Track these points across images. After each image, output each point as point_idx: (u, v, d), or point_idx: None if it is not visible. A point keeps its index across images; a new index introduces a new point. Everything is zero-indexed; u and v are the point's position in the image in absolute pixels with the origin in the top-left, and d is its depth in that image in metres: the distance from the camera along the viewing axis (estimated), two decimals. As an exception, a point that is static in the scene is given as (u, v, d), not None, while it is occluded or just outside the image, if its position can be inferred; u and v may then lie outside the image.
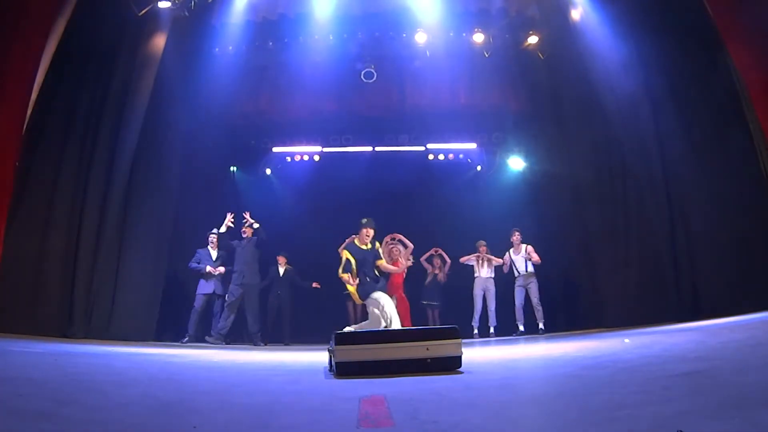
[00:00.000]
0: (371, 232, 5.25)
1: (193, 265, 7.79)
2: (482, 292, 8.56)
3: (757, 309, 5.38)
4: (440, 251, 8.91)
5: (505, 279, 8.66)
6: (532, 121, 9.81)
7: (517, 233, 8.43)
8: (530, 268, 8.27)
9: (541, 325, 7.98)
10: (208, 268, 7.73)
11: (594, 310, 8.12)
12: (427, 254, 8.79)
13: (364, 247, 5.26)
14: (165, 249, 7.93)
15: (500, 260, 8.53)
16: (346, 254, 5.25)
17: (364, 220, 5.34)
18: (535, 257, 8.21)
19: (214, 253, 7.91)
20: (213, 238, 7.90)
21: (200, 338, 7.58)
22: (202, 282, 7.78)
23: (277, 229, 8.76)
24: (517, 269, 8.36)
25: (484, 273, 8.62)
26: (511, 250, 8.45)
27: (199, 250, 7.89)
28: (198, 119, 8.52)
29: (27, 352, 3.52)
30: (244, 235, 7.95)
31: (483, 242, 8.73)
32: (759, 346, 2.65)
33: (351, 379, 2.18)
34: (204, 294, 7.73)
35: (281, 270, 8.50)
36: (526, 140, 10.07)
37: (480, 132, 10.58)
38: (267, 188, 10.65)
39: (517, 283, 8.32)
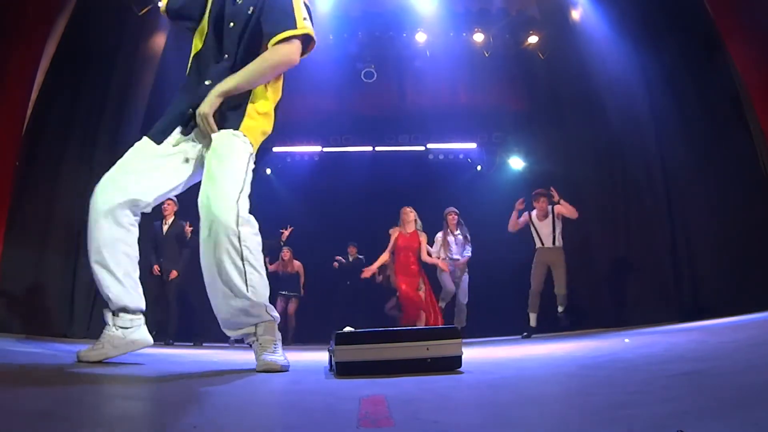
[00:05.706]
0: None
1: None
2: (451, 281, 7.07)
3: (757, 309, 5.37)
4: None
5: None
6: (532, 121, 9.82)
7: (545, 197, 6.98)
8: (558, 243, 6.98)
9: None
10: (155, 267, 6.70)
11: (594, 310, 8.12)
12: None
13: None
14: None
15: (459, 236, 7.23)
16: None
17: None
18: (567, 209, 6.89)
19: (164, 228, 6.91)
20: (167, 207, 6.71)
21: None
22: None
23: (277, 228, 8.76)
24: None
25: (454, 253, 7.25)
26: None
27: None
28: (198, 119, 8.50)
29: (27, 352, 3.52)
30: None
31: (452, 208, 7.44)
32: (759, 346, 2.65)
33: (351, 379, 2.18)
34: None
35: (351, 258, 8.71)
36: (526, 140, 10.07)
37: (480, 132, 10.58)
38: (267, 188, 10.65)
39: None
